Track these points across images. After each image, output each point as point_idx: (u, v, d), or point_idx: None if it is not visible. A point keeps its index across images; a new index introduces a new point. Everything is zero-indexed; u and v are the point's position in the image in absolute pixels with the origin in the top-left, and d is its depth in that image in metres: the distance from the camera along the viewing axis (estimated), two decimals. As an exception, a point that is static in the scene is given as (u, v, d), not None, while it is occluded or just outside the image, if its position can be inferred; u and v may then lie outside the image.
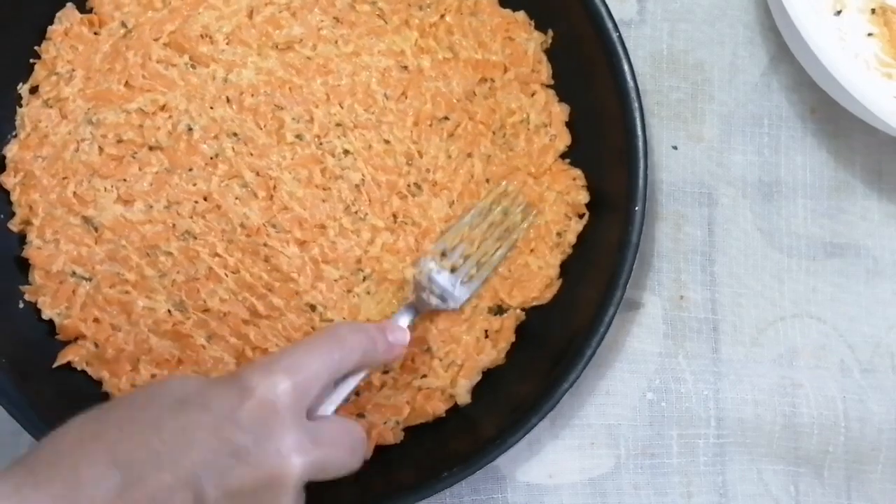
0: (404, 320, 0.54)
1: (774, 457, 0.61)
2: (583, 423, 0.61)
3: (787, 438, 0.61)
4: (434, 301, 0.57)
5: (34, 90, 0.59)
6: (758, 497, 0.60)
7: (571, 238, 0.60)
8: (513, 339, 0.59)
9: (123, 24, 0.59)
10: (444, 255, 0.58)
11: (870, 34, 0.61)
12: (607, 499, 0.60)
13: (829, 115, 0.64)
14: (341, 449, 0.45)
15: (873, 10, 0.61)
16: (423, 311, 0.56)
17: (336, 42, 0.60)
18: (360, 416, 0.57)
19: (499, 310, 0.59)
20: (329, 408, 0.48)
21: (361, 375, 0.50)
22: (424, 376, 0.58)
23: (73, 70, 0.59)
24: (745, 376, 0.62)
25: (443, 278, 0.57)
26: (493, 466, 0.59)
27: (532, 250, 0.59)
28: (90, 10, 0.60)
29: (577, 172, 0.60)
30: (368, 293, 0.58)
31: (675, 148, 0.64)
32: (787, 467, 0.61)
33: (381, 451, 0.57)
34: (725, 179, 0.63)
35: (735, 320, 0.62)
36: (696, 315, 0.62)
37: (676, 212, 0.63)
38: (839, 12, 0.61)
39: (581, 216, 0.60)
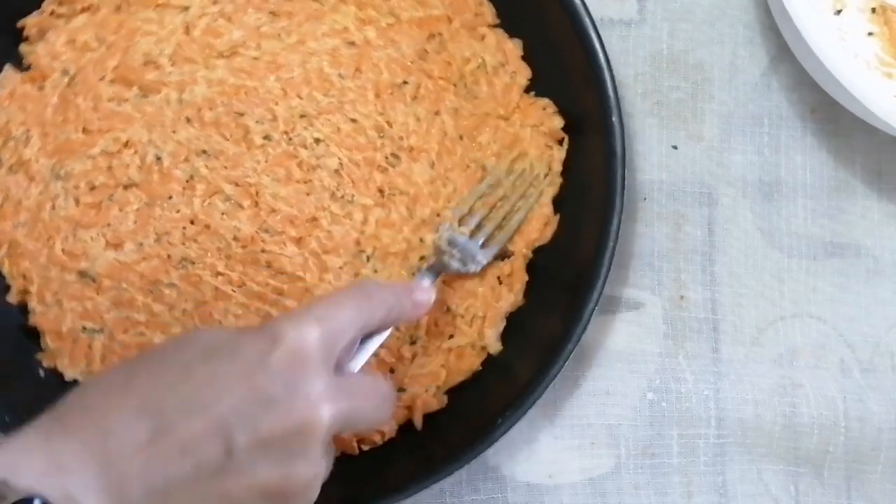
0: (426, 282, 0.55)
1: (774, 457, 0.61)
2: (583, 423, 0.61)
3: (787, 438, 0.61)
4: (455, 264, 0.57)
5: None
6: (758, 497, 0.61)
7: (557, 168, 0.60)
8: (526, 278, 0.59)
9: (65, 72, 0.58)
10: (461, 222, 0.58)
11: (870, 33, 0.60)
12: (607, 499, 0.60)
13: (829, 115, 0.64)
14: (369, 401, 0.46)
15: (873, 10, 0.61)
16: (442, 274, 0.56)
17: (278, 36, 0.59)
18: (401, 390, 0.57)
19: (504, 255, 0.60)
20: (355, 367, 0.48)
21: (385, 335, 0.50)
22: (451, 336, 0.58)
23: (28, 130, 0.58)
24: (745, 376, 0.62)
25: (463, 241, 0.57)
26: (493, 466, 0.60)
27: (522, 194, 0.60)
28: (28, 67, 0.59)
29: (546, 101, 0.60)
30: (376, 271, 0.58)
31: (675, 148, 0.63)
32: (787, 467, 0.61)
33: (428, 419, 0.58)
34: (725, 179, 0.63)
35: (735, 320, 0.62)
36: (697, 315, 0.62)
37: (676, 212, 0.63)
38: (839, 12, 0.61)
39: (560, 142, 0.60)
